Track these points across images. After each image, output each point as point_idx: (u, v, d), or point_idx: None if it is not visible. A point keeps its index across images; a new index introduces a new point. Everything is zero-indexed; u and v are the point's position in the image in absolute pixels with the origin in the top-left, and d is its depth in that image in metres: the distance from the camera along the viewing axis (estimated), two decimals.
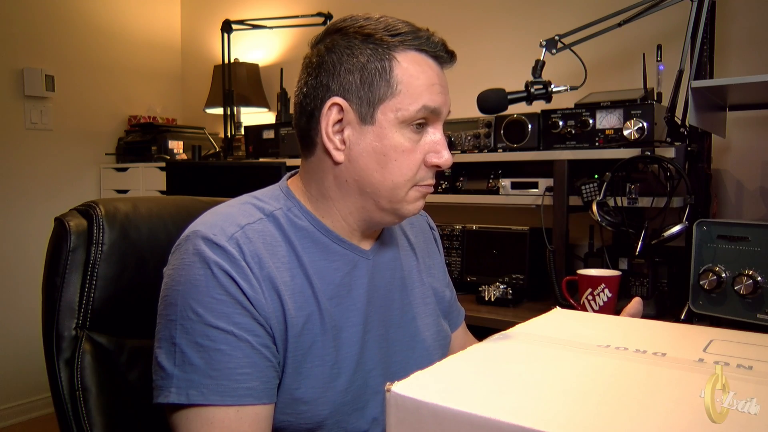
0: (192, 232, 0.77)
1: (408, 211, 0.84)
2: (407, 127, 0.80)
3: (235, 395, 0.71)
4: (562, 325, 0.73)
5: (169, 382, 0.72)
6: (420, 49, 0.81)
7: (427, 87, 0.80)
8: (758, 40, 1.84)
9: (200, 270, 0.73)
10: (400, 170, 0.80)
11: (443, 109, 0.83)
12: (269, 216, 0.81)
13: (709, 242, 1.38)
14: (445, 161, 0.83)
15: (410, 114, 0.79)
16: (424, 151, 0.82)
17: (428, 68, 0.82)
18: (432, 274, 1.01)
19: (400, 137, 0.80)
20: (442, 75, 0.84)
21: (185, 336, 0.72)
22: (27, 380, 2.87)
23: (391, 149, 0.80)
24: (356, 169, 0.81)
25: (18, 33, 2.93)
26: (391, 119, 0.79)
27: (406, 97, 0.79)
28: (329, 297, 0.81)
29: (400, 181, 0.81)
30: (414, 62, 0.81)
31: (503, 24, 2.36)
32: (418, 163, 0.81)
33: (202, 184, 2.16)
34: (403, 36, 0.81)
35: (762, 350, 0.61)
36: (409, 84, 0.79)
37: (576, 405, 0.48)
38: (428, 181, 0.84)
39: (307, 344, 0.78)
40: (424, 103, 0.79)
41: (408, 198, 0.83)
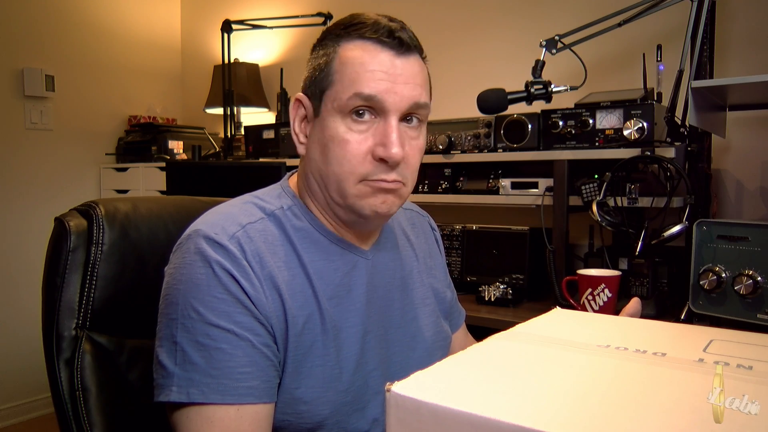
0: (193, 231, 0.77)
1: (362, 207, 0.80)
2: (347, 117, 0.78)
3: (236, 394, 0.71)
4: (562, 325, 0.73)
5: (169, 380, 0.72)
6: (363, 37, 0.79)
7: (362, 74, 0.77)
8: (758, 40, 1.84)
9: (201, 269, 0.73)
10: (338, 161, 0.78)
11: (386, 98, 0.77)
12: (270, 215, 0.82)
13: (709, 242, 1.38)
14: (390, 155, 0.76)
15: (343, 102, 0.77)
16: (371, 143, 0.78)
17: (368, 55, 0.78)
18: (433, 275, 1.01)
19: (339, 127, 0.78)
20: (394, 63, 0.78)
21: (186, 335, 0.72)
22: (27, 380, 2.87)
23: (329, 139, 0.79)
24: (310, 161, 0.83)
25: (18, 33, 2.93)
26: (330, 109, 0.79)
27: (340, 85, 0.78)
28: (329, 297, 0.81)
29: (341, 173, 0.78)
30: (352, 50, 0.79)
31: (503, 24, 2.36)
32: (361, 155, 0.78)
33: (202, 184, 2.16)
34: (353, 26, 0.80)
35: (762, 350, 0.61)
36: (343, 72, 0.78)
37: (576, 405, 0.48)
38: (378, 176, 0.78)
39: (308, 344, 0.78)
40: (356, 90, 0.76)
41: (358, 193, 0.79)
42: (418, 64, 0.81)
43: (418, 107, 0.80)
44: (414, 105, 0.79)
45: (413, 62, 0.80)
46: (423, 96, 0.80)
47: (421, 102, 0.80)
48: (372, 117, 0.78)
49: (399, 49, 0.79)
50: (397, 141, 0.77)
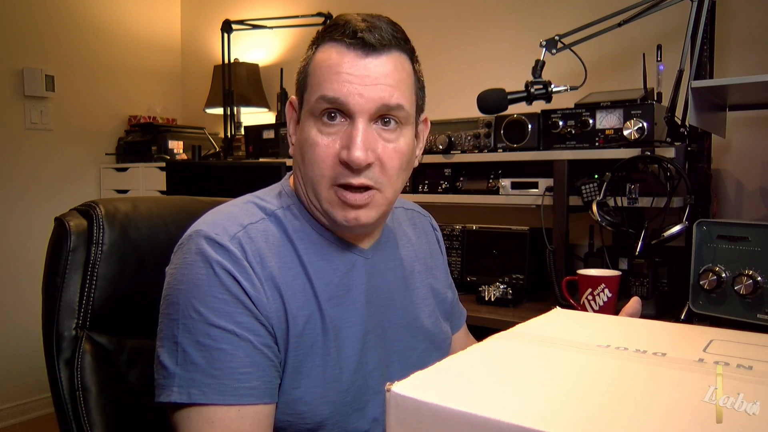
0: (194, 232, 0.77)
1: (335, 216, 0.79)
2: (318, 120, 0.78)
3: (237, 394, 0.71)
4: (562, 325, 0.73)
5: (171, 381, 0.72)
6: (333, 39, 0.78)
7: (328, 76, 0.76)
8: (758, 40, 1.84)
9: (202, 269, 0.73)
10: (311, 164, 0.78)
11: (350, 100, 0.75)
12: (271, 215, 0.82)
13: (709, 242, 1.38)
14: (353, 158, 0.75)
15: (312, 105, 0.78)
16: (339, 146, 0.77)
17: (335, 57, 0.77)
18: (434, 275, 1.00)
19: (311, 130, 0.78)
20: (361, 64, 0.76)
21: (187, 335, 0.72)
22: (27, 380, 2.87)
23: (304, 142, 0.80)
24: (295, 164, 0.85)
25: (18, 33, 2.93)
26: (305, 112, 0.80)
27: (310, 89, 0.79)
28: (328, 297, 0.81)
29: (314, 177, 0.79)
30: (323, 52, 0.79)
31: (503, 24, 2.36)
32: (330, 158, 0.77)
33: (202, 184, 2.16)
34: (327, 30, 0.80)
35: (762, 350, 0.61)
36: (313, 75, 0.79)
37: (576, 405, 0.48)
38: (344, 179, 0.77)
39: (308, 344, 0.78)
40: (321, 93, 0.76)
41: (329, 198, 0.79)
42: (392, 64, 0.78)
43: (389, 108, 0.77)
44: (383, 106, 0.77)
45: (383, 61, 0.77)
46: (395, 97, 0.77)
47: (391, 103, 0.77)
48: (342, 120, 0.77)
49: (364, 50, 0.76)
50: (362, 144, 0.75)
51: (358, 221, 0.79)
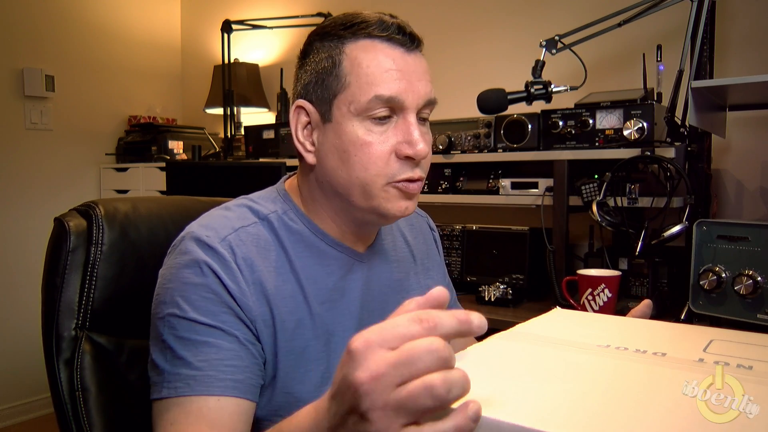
0: (186, 234, 0.78)
1: (389, 210, 0.79)
2: (366, 120, 0.76)
3: (221, 386, 0.71)
4: (562, 325, 0.73)
5: (161, 378, 0.72)
6: (371, 36, 0.77)
7: (379, 74, 0.75)
8: (758, 40, 1.84)
9: (189, 269, 0.74)
10: (362, 165, 0.76)
11: (405, 97, 0.76)
12: (263, 219, 0.81)
13: (709, 242, 1.38)
14: (417, 152, 0.76)
15: (362, 105, 0.75)
16: (393, 142, 0.77)
17: (381, 54, 0.76)
18: (430, 276, 1.00)
19: (359, 131, 0.76)
20: (406, 60, 0.77)
21: (172, 331, 0.73)
22: (27, 380, 2.87)
23: (349, 144, 0.76)
24: (325, 169, 0.80)
25: (18, 33, 2.93)
26: (345, 113, 0.76)
27: (356, 88, 0.76)
28: (321, 302, 0.81)
29: (367, 177, 0.77)
30: (363, 50, 0.76)
31: (503, 24, 2.36)
32: (386, 156, 0.76)
33: (202, 184, 2.16)
34: (356, 26, 0.77)
35: (762, 350, 0.61)
36: (357, 74, 0.76)
37: (575, 405, 0.48)
38: (405, 175, 0.78)
39: (300, 348, 0.78)
40: (375, 93, 0.75)
41: (385, 196, 0.78)
42: (425, 60, 0.81)
43: (431, 103, 0.80)
44: (428, 101, 0.79)
45: (421, 58, 0.80)
46: (433, 92, 0.80)
47: (433, 98, 0.80)
48: (391, 117, 0.77)
49: (410, 46, 0.78)
50: (421, 137, 0.77)
51: (408, 210, 0.81)
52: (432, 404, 0.43)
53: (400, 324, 0.45)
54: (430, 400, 0.43)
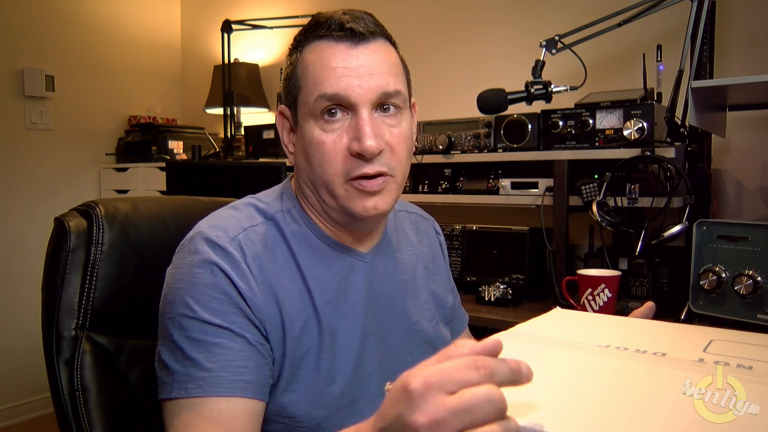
0: (195, 234, 0.78)
1: (353, 209, 0.79)
2: (319, 119, 0.77)
3: (232, 387, 0.71)
4: (562, 325, 0.73)
5: (171, 378, 0.72)
6: (318, 37, 0.79)
7: (323, 73, 0.76)
8: (758, 40, 1.84)
9: (199, 269, 0.74)
10: (320, 164, 0.78)
11: (350, 93, 0.75)
12: (270, 219, 0.82)
13: (709, 242, 1.38)
14: (365, 148, 0.75)
15: (311, 106, 0.77)
16: (346, 139, 0.77)
17: (326, 53, 0.77)
18: (434, 280, 1.00)
19: (314, 130, 0.78)
20: (350, 55, 0.77)
21: (183, 332, 0.73)
22: (27, 380, 2.87)
23: (308, 144, 0.79)
24: (299, 169, 0.83)
25: (18, 33, 2.92)
26: (303, 115, 0.80)
27: (306, 90, 0.78)
28: (325, 302, 0.81)
29: (326, 176, 0.78)
30: (312, 51, 0.79)
31: (503, 24, 2.36)
32: (340, 154, 0.77)
33: (202, 184, 2.16)
34: (311, 29, 0.80)
35: (762, 350, 0.61)
36: (306, 76, 0.78)
37: (575, 405, 0.48)
38: (359, 171, 0.77)
39: (305, 348, 0.78)
40: (319, 92, 0.76)
41: (346, 195, 0.78)
42: (381, 51, 0.79)
43: (388, 96, 0.78)
44: (383, 94, 0.77)
45: (374, 50, 0.78)
46: (392, 83, 0.78)
47: (390, 90, 0.78)
48: (344, 114, 0.77)
49: (353, 40, 0.77)
50: (371, 133, 0.76)
51: (377, 209, 0.79)
52: None
53: (459, 368, 0.45)
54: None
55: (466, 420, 0.43)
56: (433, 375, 0.45)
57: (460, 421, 0.43)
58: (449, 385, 0.44)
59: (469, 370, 0.44)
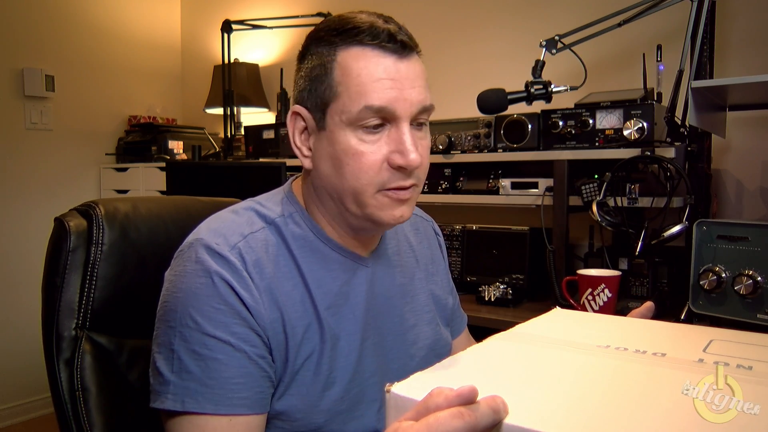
0: (195, 240, 0.77)
1: (381, 218, 0.78)
2: (358, 129, 0.75)
3: (229, 404, 0.71)
4: (562, 325, 0.73)
5: (166, 388, 0.72)
6: (362, 43, 0.75)
7: (369, 84, 0.74)
8: (758, 40, 1.84)
9: (201, 279, 0.73)
10: (354, 174, 0.76)
11: (396, 106, 0.74)
12: (271, 224, 0.81)
13: (709, 242, 1.38)
14: (409, 162, 0.75)
15: (353, 116, 0.74)
16: (386, 151, 0.76)
17: (372, 63, 0.75)
18: (434, 281, 1.00)
19: (351, 140, 0.75)
20: (398, 67, 0.75)
21: (184, 343, 0.72)
22: (27, 380, 2.87)
23: (342, 153, 0.76)
24: (320, 175, 0.80)
25: (18, 33, 2.92)
26: (338, 122, 0.76)
27: (347, 98, 0.75)
28: (327, 306, 0.80)
29: (358, 186, 0.76)
30: (354, 58, 0.75)
31: (503, 24, 2.36)
32: (377, 165, 0.76)
33: (202, 184, 2.16)
34: (347, 32, 0.76)
35: (762, 350, 0.61)
36: (347, 84, 0.75)
37: (575, 405, 0.48)
38: (395, 183, 0.77)
39: (306, 353, 0.78)
40: (365, 104, 0.74)
41: (376, 204, 0.78)
42: (419, 65, 0.79)
43: (425, 110, 0.78)
44: (422, 109, 0.77)
45: (415, 63, 0.77)
46: (428, 98, 0.79)
47: (428, 105, 0.78)
48: (383, 125, 0.76)
49: (402, 53, 0.76)
50: (413, 147, 0.76)
51: (403, 218, 0.80)
52: None
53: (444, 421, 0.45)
54: None
55: None
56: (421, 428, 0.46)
57: None
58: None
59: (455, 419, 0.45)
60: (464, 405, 0.46)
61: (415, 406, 0.48)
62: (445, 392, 0.47)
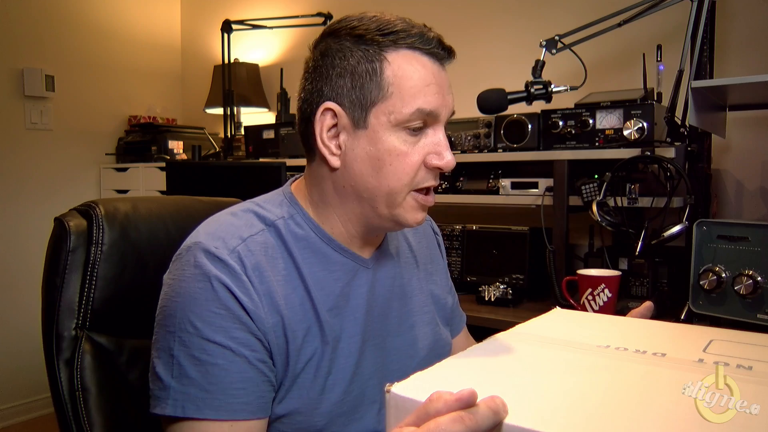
0: (194, 243, 0.76)
1: (406, 219, 0.81)
2: (402, 130, 0.77)
3: (230, 410, 0.71)
4: (562, 325, 0.73)
5: (166, 393, 0.71)
6: (413, 47, 0.78)
7: (421, 88, 0.77)
8: (758, 40, 1.84)
9: (200, 283, 0.73)
10: (395, 175, 0.77)
11: (441, 111, 0.79)
12: (270, 226, 0.80)
13: (709, 242, 1.38)
14: (447, 163, 0.79)
15: (404, 117, 0.76)
16: (423, 153, 0.79)
17: (422, 67, 0.78)
18: (433, 281, 1.00)
19: (395, 140, 0.77)
20: (441, 74, 0.80)
21: (183, 349, 0.72)
22: (27, 380, 2.87)
23: (385, 153, 0.77)
24: (352, 174, 0.79)
25: (18, 33, 2.92)
26: (384, 123, 0.76)
27: (398, 100, 0.76)
28: (328, 308, 0.80)
29: (397, 186, 0.78)
30: (406, 61, 0.77)
31: (503, 24, 2.36)
32: (416, 166, 0.78)
33: (202, 184, 2.16)
34: (396, 34, 0.77)
35: (762, 350, 0.61)
36: (400, 85, 0.76)
37: (575, 405, 0.48)
38: (428, 183, 0.80)
39: (307, 356, 0.77)
40: (418, 106, 0.76)
41: (406, 205, 0.80)
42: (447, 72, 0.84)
43: (452, 115, 0.83)
44: (452, 113, 0.83)
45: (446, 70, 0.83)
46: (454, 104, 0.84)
47: (454, 110, 0.83)
48: (422, 127, 0.79)
49: (446, 60, 0.82)
50: (448, 149, 0.80)
51: (422, 221, 0.84)
52: None
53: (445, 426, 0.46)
54: None
55: None
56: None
57: None
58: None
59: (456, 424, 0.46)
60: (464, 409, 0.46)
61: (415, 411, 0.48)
62: (445, 397, 0.47)
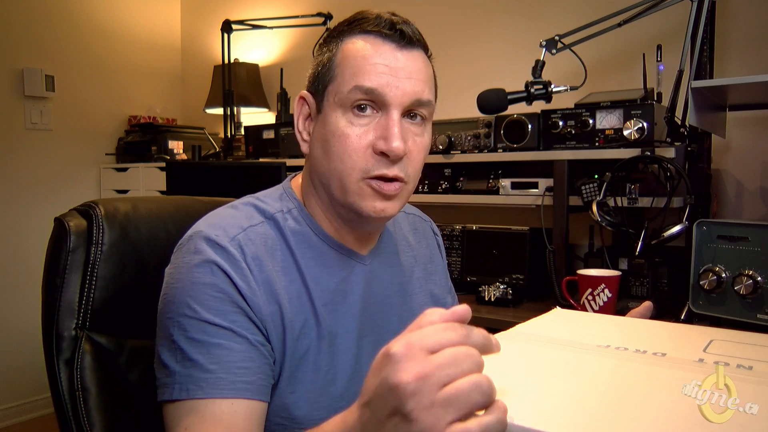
0: (194, 233, 0.77)
1: (361, 207, 0.78)
2: (348, 111, 0.77)
3: (233, 388, 0.71)
4: (562, 325, 0.73)
5: (171, 379, 0.72)
6: (365, 31, 0.78)
7: (363, 66, 0.76)
8: (758, 40, 1.84)
9: (200, 269, 0.73)
10: (340, 157, 0.77)
11: (387, 91, 0.75)
12: (270, 219, 0.82)
13: (709, 242, 1.38)
14: (392, 148, 0.75)
15: (344, 95, 0.76)
16: (372, 137, 0.76)
17: (369, 47, 0.77)
18: (433, 281, 1.00)
19: (339, 121, 0.77)
20: (397, 56, 0.77)
21: (183, 332, 0.72)
22: (27, 380, 2.87)
23: (330, 134, 0.78)
24: (313, 159, 0.82)
25: (18, 33, 2.93)
26: (332, 103, 0.78)
27: (341, 79, 0.77)
28: (324, 303, 0.81)
29: (343, 170, 0.77)
30: (354, 43, 0.78)
31: (503, 24, 2.36)
32: (360, 149, 0.76)
33: (202, 184, 2.16)
34: (355, 22, 0.80)
35: (762, 350, 0.61)
36: (344, 65, 0.77)
37: (576, 404, 0.48)
38: (379, 171, 0.76)
39: (304, 349, 0.78)
40: (356, 83, 0.75)
41: (359, 192, 0.77)
42: (422, 60, 0.80)
43: (421, 104, 0.79)
44: (416, 101, 0.78)
45: (416, 57, 0.79)
46: (426, 92, 0.79)
47: (423, 99, 0.78)
48: (374, 111, 0.77)
49: (400, 42, 0.78)
50: (399, 135, 0.76)
51: (385, 213, 0.79)
52: (482, 400, 0.46)
53: (437, 331, 0.48)
54: (480, 396, 0.46)
55: (451, 373, 0.46)
56: (413, 337, 0.49)
57: (446, 374, 0.46)
58: (430, 346, 0.48)
59: (448, 331, 0.48)
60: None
61: (409, 326, 0.51)
62: (440, 311, 0.50)
